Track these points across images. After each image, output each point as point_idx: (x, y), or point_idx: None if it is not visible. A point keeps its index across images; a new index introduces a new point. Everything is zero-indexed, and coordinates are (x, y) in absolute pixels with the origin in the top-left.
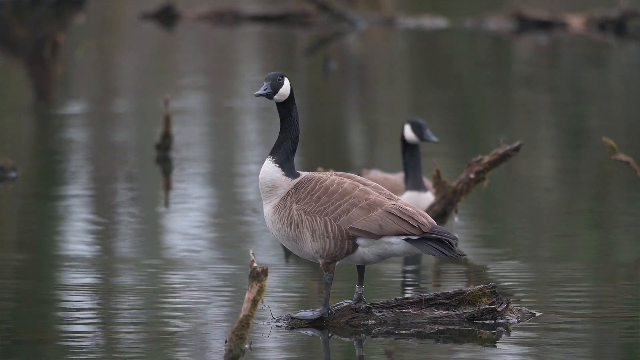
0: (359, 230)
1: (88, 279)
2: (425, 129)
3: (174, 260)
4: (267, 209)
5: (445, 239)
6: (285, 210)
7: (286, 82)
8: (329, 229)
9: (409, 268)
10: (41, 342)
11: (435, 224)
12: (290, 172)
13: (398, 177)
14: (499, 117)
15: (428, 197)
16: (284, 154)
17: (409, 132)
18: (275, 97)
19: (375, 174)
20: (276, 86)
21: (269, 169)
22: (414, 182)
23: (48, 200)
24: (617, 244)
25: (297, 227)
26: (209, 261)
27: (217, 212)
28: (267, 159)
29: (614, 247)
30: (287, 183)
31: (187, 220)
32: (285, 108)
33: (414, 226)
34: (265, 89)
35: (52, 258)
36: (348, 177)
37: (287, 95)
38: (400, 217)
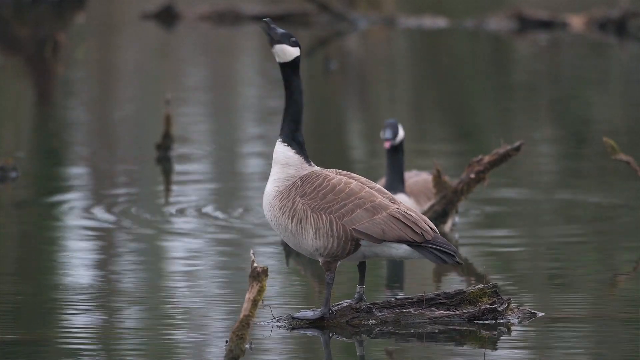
0: (361, 233)
1: (88, 278)
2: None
3: (174, 259)
4: (270, 188)
5: (445, 250)
6: (289, 201)
7: (294, 49)
8: (334, 228)
9: (410, 268)
10: (41, 342)
11: (438, 233)
12: (300, 150)
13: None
14: (499, 117)
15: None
16: (288, 134)
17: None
18: (275, 46)
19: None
20: (282, 42)
21: (280, 149)
22: (388, 183)
23: (48, 199)
24: (617, 244)
25: (300, 223)
26: (209, 261)
27: (217, 211)
28: (278, 140)
29: (614, 247)
30: (299, 162)
31: (187, 220)
32: (286, 76)
33: (417, 233)
34: (272, 30)
35: (52, 258)
36: (353, 177)
37: (286, 59)
38: (404, 223)
